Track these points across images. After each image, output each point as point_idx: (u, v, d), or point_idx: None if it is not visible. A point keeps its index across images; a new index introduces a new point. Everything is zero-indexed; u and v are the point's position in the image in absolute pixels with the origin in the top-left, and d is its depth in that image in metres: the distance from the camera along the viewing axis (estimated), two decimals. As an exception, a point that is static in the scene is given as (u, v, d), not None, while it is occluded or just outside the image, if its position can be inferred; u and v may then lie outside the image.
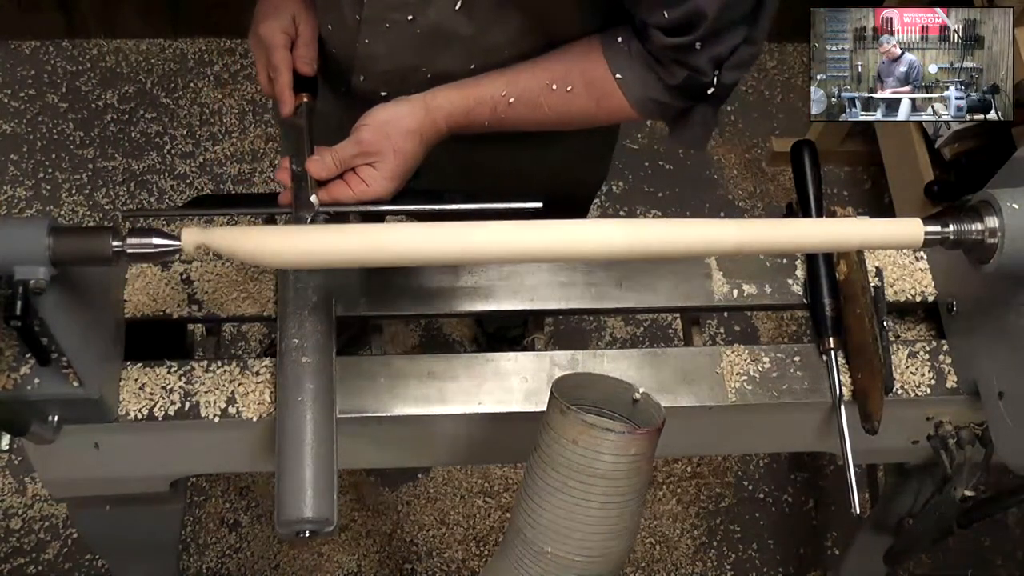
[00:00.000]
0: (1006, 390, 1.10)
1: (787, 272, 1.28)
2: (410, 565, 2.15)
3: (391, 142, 1.06)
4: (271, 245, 0.92)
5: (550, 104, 1.11)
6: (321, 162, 1.07)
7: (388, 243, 0.94)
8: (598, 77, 1.10)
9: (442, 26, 1.07)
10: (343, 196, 1.08)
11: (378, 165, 1.07)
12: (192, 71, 2.67)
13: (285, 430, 1.07)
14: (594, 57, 1.10)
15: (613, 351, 1.22)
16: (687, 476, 2.28)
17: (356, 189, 1.08)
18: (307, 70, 1.16)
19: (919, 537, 1.44)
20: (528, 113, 1.12)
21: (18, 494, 2.14)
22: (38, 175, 2.51)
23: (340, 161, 1.08)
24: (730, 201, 2.62)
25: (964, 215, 1.00)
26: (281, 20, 1.15)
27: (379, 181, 1.07)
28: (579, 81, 1.10)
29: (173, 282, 1.21)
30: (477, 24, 1.07)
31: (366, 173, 1.07)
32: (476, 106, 1.10)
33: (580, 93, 1.11)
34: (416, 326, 2.38)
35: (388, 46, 1.12)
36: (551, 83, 1.10)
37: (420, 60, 1.12)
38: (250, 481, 2.19)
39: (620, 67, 1.09)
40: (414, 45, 1.10)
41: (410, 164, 1.09)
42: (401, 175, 1.08)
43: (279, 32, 1.14)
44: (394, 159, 1.07)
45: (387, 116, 1.07)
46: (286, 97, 1.14)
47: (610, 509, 0.98)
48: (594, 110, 1.13)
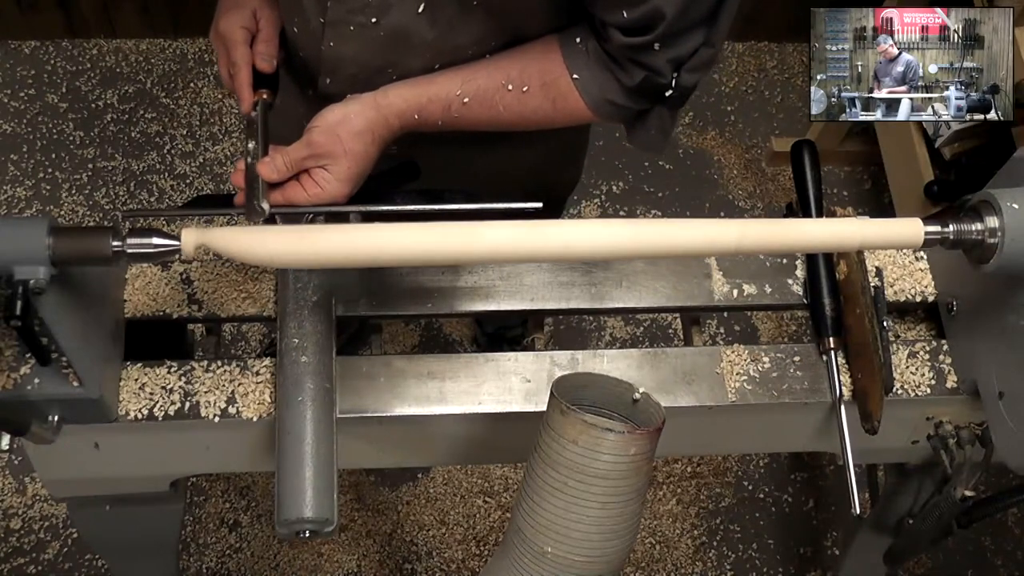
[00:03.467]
0: (1006, 390, 1.10)
1: (787, 272, 1.28)
2: (410, 565, 2.15)
3: (342, 144, 1.05)
4: (270, 245, 0.92)
5: (505, 104, 1.10)
6: (272, 164, 1.06)
7: (388, 243, 0.94)
8: (555, 78, 1.09)
9: (405, 28, 1.06)
10: (297, 198, 1.07)
11: (330, 167, 1.06)
12: (192, 71, 2.67)
13: (285, 430, 1.07)
14: (552, 57, 1.09)
15: (613, 351, 1.22)
16: (687, 476, 2.28)
17: (310, 192, 1.06)
18: (266, 67, 1.15)
19: (919, 537, 1.44)
20: (483, 112, 1.10)
21: (18, 494, 2.14)
22: (38, 175, 2.51)
23: (291, 163, 1.06)
24: (730, 201, 2.62)
25: (964, 215, 1.00)
26: (241, 16, 1.14)
27: (332, 183, 1.06)
28: (535, 81, 1.09)
29: (173, 282, 1.21)
30: (440, 26, 1.06)
31: (319, 175, 1.06)
32: (429, 104, 1.09)
33: (536, 93, 1.10)
34: (416, 326, 2.38)
35: (353, 49, 1.11)
36: (507, 83, 1.09)
37: (385, 62, 1.11)
38: (250, 481, 2.19)
39: (577, 67, 1.08)
40: (379, 47, 1.09)
41: (363, 165, 1.07)
42: (354, 176, 1.07)
43: (239, 28, 1.13)
44: (346, 160, 1.05)
45: (337, 117, 1.06)
46: (245, 94, 1.13)
47: (610, 509, 0.98)
48: (550, 111, 1.11)
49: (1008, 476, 1.18)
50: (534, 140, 1.25)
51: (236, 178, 1.08)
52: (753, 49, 2.81)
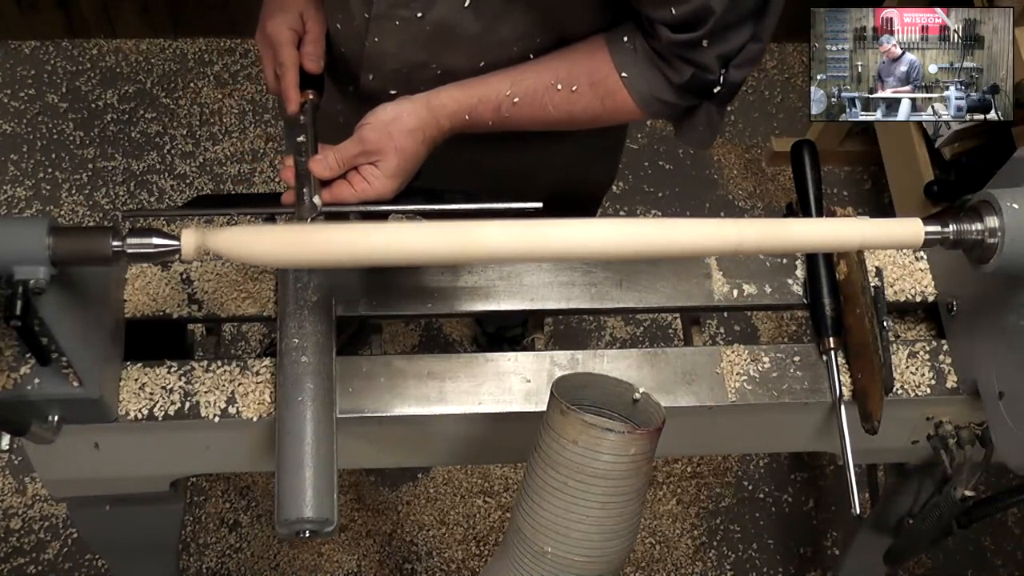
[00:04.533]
0: (1006, 390, 1.10)
1: (787, 272, 1.28)
2: (410, 565, 2.15)
3: (393, 141, 1.06)
4: (269, 244, 0.92)
5: (555, 103, 1.11)
6: (324, 162, 1.07)
7: (387, 242, 0.94)
8: (603, 76, 1.10)
9: (450, 23, 1.07)
10: (346, 195, 1.08)
11: (380, 164, 1.07)
12: (192, 71, 2.67)
13: (285, 430, 1.07)
14: (599, 56, 1.10)
15: (613, 351, 1.22)
16: (687, 476, 2.28)
17: (358, 188, 1.08)
18: (314, 68, 1.16)
19: (919, 537, 1.44)
20: (532, 112, 1.12)
21: (18, 494, 2.14)
22: (38, 175, 2.51)
23: (343, 160, 1.08)
24: (730, 201, 2.62)
25: (964, 215, 1.00)
26: (288, 17, 1.15)
27: (381, 180, 1.07)
28: (584, 80, 1.10)
29: (173, 282, 1.21)
30: (485, 21, 1.07)
31: (368, 172, 1.08)
32: (480, 105, 1.10)
33: (585, 92, 1.11)
34: (416, 326, 2.38)
35: (397, 44, 1.12)
36: (556, 82, 1.10)
37: (429, 57, 1.12)
38: (250, 481, 2.19)
39: (625, 66, 1.09)
40: (422, 42, 1.10)
41: (412, 163, 1.09)
42: (403, 174, 1.08)
43: (286, 29, 1.14)
44: (396, 158, 1.07)
45: (390, 115, 1.07)
46: (292, 95, 1.14)
47: (610, 509, 0.98)
48: (599, 109, 1.12)
49: (1008, 476, 1.18)
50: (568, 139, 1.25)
51: (287, 175, 1.09)
52: (753, 49, 2.81)
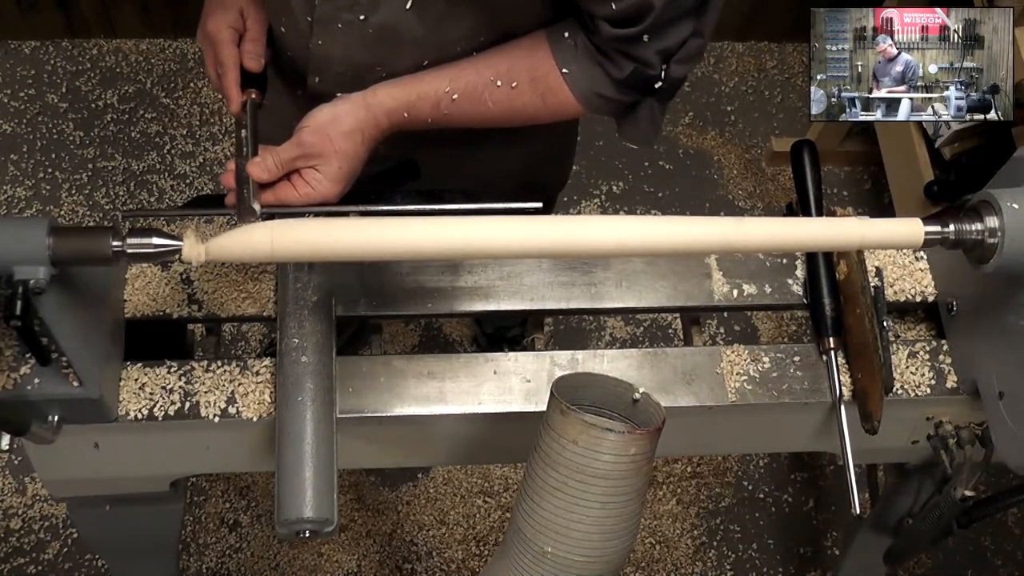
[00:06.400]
0: (1006, 390, 1.10)
1: (787, 272, 1.28)
2: (410, 565, 2.15)
3: (332, 143, 1.05)
4: (266, 243, 0.92)
5: (494, 100, 1.10)
6: (262, 164, 1.06)
7: (386, 239, 0.94)
8: (544, 72, 1.09)
9: (394, 25, 1.06)
10: (289, 198, 1.07)
11: (321, 167, 1.06)
12: (192, 71, 2.67)
13: (285, 430, 1.07)
14: (540, 52, 1.09)
15: (613, 351, 1.22)
16: (687, 476, 2.28)
17: (301, 191, 1.06)
18: (254, 66, 1.14)
19: (919, 537, 1.44)
20: (472, 109, 1.10)
21: (18, 494, 2.14)
22: (38, 175, 2.51)
23: (281, 163, 1.06)
24: (730, 201, 2.62)
25: (964, 215, 1.00)
26: (228, 15, 1.14)
27: (323, 183, 1.06)
28: (524, 76, 1.09)
29: (173, 282, 1.21)
30: (428, 22, 1.06)
31: (310, 176, 1.06)
32: (419, 101, 1.09)
33: (525, 89, 1.09)
34: (416, 326, 2.38)
35: (341, 47, 1.11)
36: (496, 79, 1.09)
37: (374, 60, 1.11)
38: (250, 481, 2.19)
39: (566, 62, 1.08)
40: (367, 45, 1.09)
41: (354, 164, 1.07)
42: (346, 177, 1.07)
43: (226, 27, 1.13)
44: (337, 161, 1.05)
45: (327, 116, 1.06)
46: (233, 94, 1.12)
47: (610, 509, 0.98)
48: (540, 106, 1.11)
49: (1008, 476, 1.18)
50: (521, 140, 1.24)
51: (227, 179, 1.07)
52: (753, 49, 2.81)
